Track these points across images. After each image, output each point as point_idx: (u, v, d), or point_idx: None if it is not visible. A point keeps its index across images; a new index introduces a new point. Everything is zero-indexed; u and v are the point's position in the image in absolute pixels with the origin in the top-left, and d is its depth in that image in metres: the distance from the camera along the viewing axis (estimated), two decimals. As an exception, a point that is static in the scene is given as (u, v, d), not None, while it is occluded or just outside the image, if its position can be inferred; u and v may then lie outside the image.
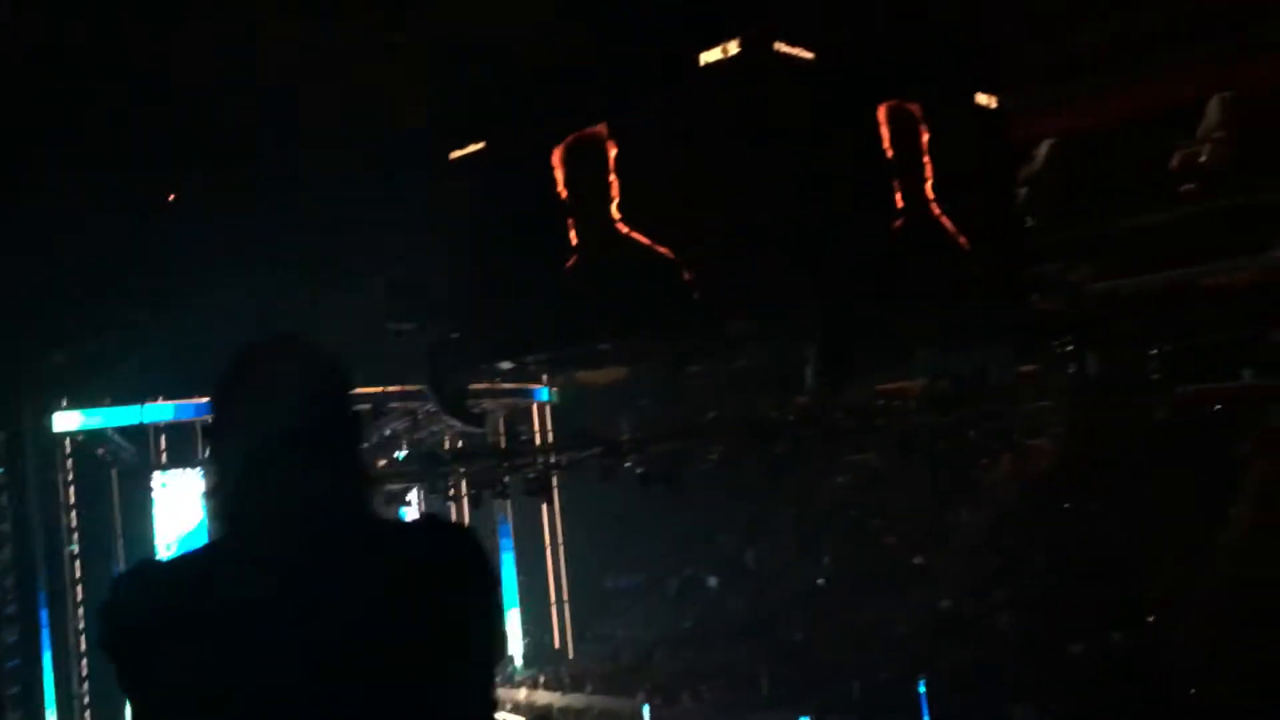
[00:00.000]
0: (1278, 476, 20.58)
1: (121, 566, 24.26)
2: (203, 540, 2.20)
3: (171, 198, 18.77)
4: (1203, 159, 24.47)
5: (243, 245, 19.94)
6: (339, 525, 2.03)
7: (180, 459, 25.96)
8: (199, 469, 25.75)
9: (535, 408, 29.31)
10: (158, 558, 1.91)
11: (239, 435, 2.06)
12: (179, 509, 25.33)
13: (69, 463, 24.26)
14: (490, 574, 2.19)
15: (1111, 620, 19.24)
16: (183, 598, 2.00)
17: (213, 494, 2.17)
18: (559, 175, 10.64)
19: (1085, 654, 18.44)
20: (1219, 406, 22.17)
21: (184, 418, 25.36)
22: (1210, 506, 20.93)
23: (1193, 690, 16.46)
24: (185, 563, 2.17)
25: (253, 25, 13.00)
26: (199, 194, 18.48)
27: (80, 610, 23.98)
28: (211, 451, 2.13)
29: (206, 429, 1.98)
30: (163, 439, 25.85)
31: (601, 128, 10.26)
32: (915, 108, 10.67)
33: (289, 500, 2.00)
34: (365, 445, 2.18)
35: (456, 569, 2.10)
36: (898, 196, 10.52)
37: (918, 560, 24.71)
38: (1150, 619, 19.19)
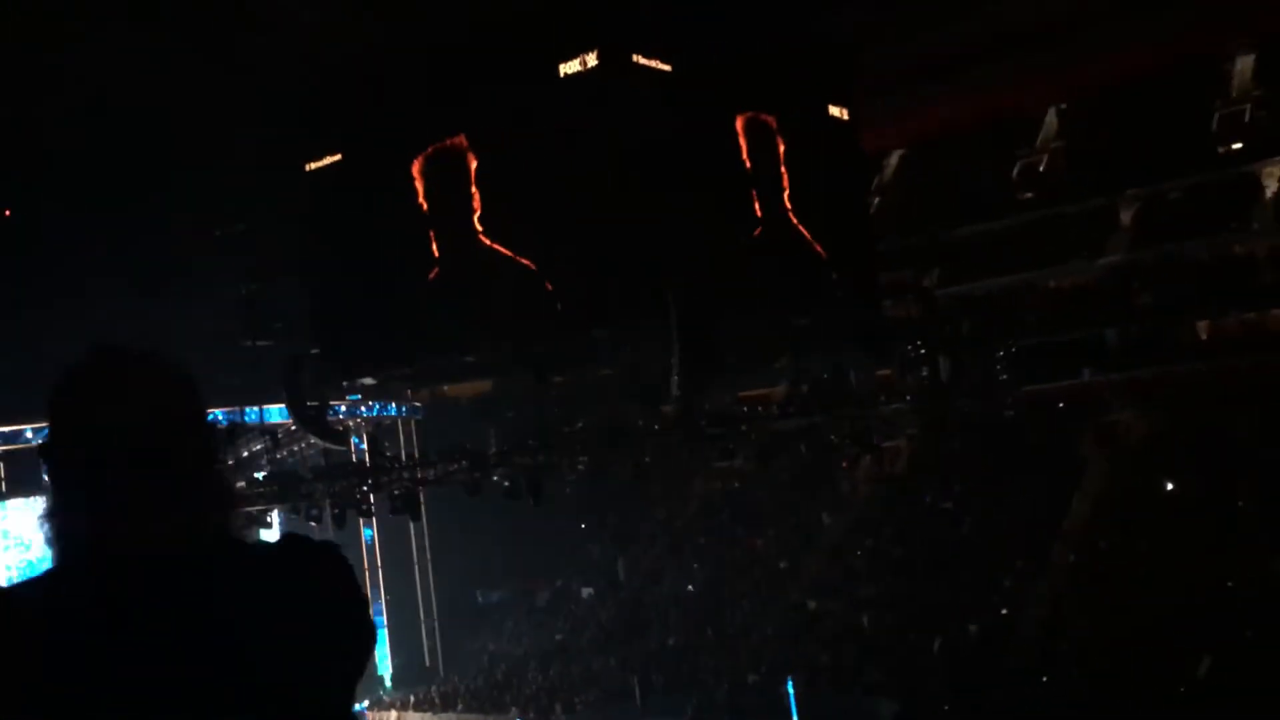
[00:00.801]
0: (1112, 469, 21.68)
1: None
2: (42, 568, 2.07)
3: (6, 213, 17.89)
4: (1041, 168, 25.68)
5: (88, 261, 19.14)
6: (192, 548, 1.94)
7: (21, 486, 24.74)
8: (41, 496, 24.55)
9: (400, 423, 28.88)
10: None
11: (79, 454, 1.94)
12: (19, 538, 24.12)
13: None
14: (356, 593, 2.11)
15: (966, 613, 19.92)
16: (20, 630, 1.89)
17: (50, 518, 2.02)
18: (419, 187, 10.52)
19: (943, 647, 19.05)
20: (1061, 404, 23.25)
21: (22, 443, 24.18)
22: (1055, 499, 21.90)
23: (1044, 678, 17.18)
24: (24, 591, 2.01)
25: (97, 35, 12.51)
26: (38, 206, 17.66)
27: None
28: (49, 473, 1.98)
29: (43, 448, 1.83)
30: (1, 466, 24.61)
31: (461, 139, 10.19)
32: (771, 119, 10.91)
33: (137, 524, 1.90)
34: (221, 463, 2.07)
35: (319, 589, 2.03)
36: (756, 206, 10.74)
37: (783, 563, 25.16)
38: (1004, 611, 19.94)
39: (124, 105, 14.07)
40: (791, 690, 17.61)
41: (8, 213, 18.20)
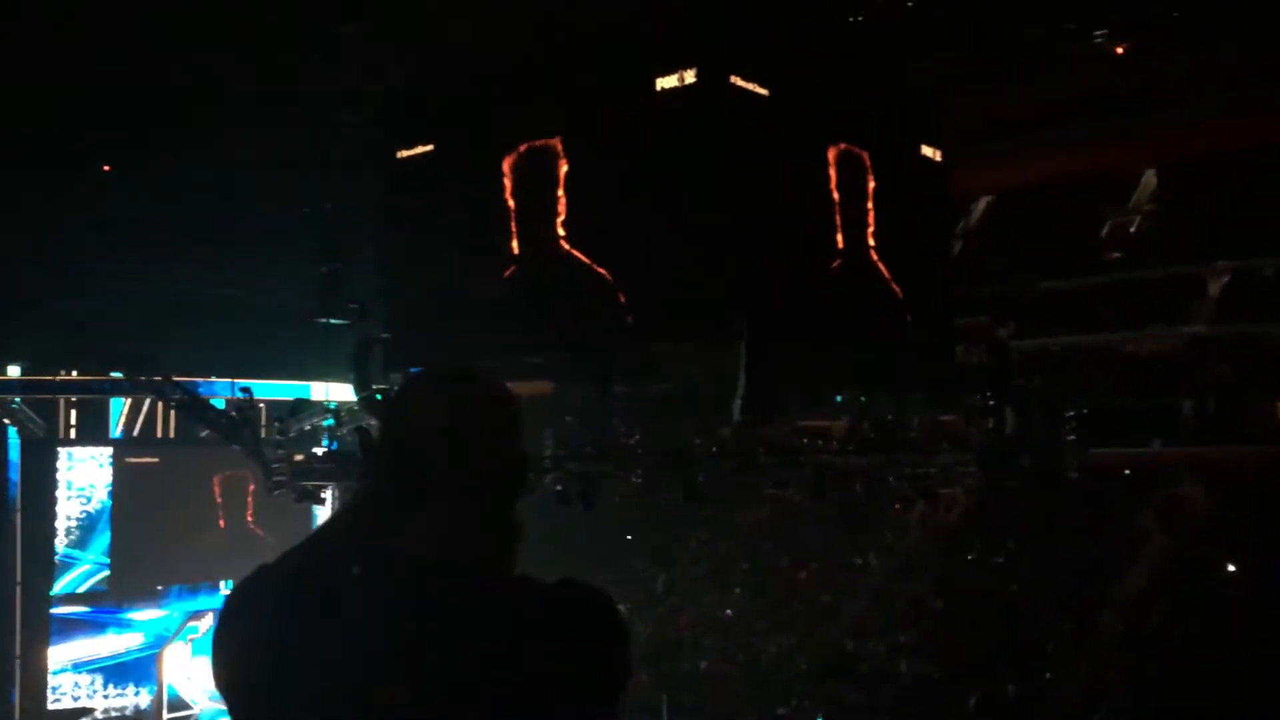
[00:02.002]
0: (1171, 543, 21.19)
1: (18, 538, 23.56)
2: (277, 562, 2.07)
3: (106, 169, 18.37)
4: (1132, 230, 25.23)
5: (176, 228, 19.59)
6: (464, 570, 1.96)
7: (90, 435, 25.34)
8: (107, 447, 25.12)
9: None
10: (274, 562, 1.83)
11: (395, 458, 2.00)
12: (82, 489, 24.69)
13: (-29, 430, 23.55)
14: (617, 650, 2.12)
15: (1008, 672, 19.58)
16: (276, 608, 1.96)
17: (350, 510, 2.04)
18: (508, 183, 10.61)
19: (979, 703, 18.74)
20: (1127, 471, 22.77)
21: (94, 393, 24.78)
22: (1109, 567, 21.46)
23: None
24: (295, 570, 2.05)
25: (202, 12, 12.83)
26: (130, 167, 18.11)
27: (-31, 581, 23.28)
28: (367, 465, 2.09)
29: (365, 441, 1.98)
30: (72, 414, 25.22)
31: (555, 141, 10.26)
32: (864, 154, 10.85)
33: (424, 535, 1.95)
34: (517, 495, 2.11)
35: (583, 635, 2.04)
36: (839, 238, 10.67)
37: (825, 599, 24.93)
38: (1046, 675, 19.57)
39: (219, 78, 14.40)
40: (820, 728, 17.43)
41: (107, 168, 18.69)
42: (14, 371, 23.50)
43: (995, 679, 19.33)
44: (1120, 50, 16.16)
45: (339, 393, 21.90)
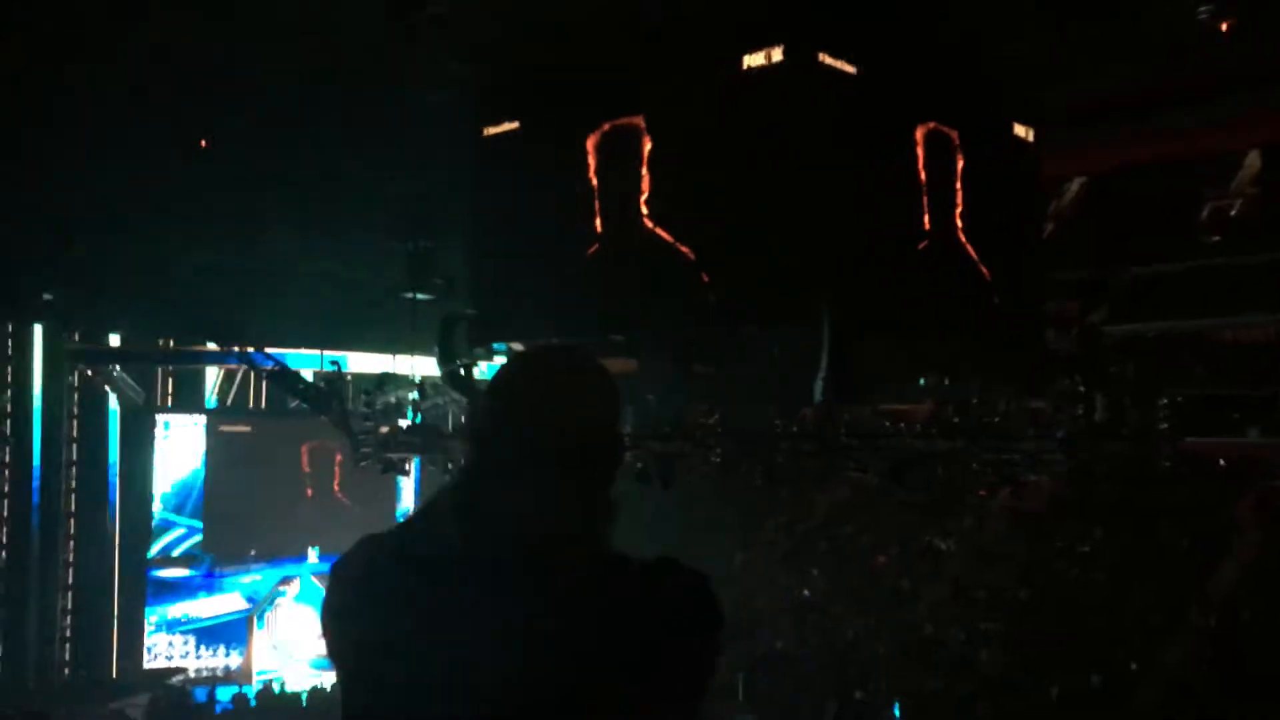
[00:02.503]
0: (1267, 538, 20.56)
1: (117, 503, 24.39)
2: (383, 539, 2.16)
3: (203, 144, 18.79)
4: (1233, 213, 24.40)
5: (267, 201, 20.00)
6: (566, 546, 2.03)
7: (185, 403, 26.10)
8: (201, 415, 25.86)
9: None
10: (382, 534, 1.96)
11: (498, 434, 2.06)
12: (178, 453, 25.45)
13: (74, 397, 24.40)
14: (716, 640, 2.19)
15: (1091, 663, 19.23)
16: (382, 578, 2.03)
17: (455, 485, 2.12)
18: (591, 162, 10.63)
19: (1063, 695, 18.43)
20: (1222, 462, 22.14)
21: (191, 362, 25.48)
22: (1201, 560, 20.92)
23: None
24: (401, 542, 2.12)
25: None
26: (230, 145, 18.50)
27: (72, 544, 24.15)
28: (472, 440, 2.10)
29: (472, 420, 2.04)
30: (169, 381, 25.99)
31: (639, 119, 10.24)
32: (953, 133, 10.64)
33: (527, 512, 2.00)
34: (610, 473, 2.16)
35: (676, 618, 2.11)
36: (926, 219, 10.50)
37: (905, 584, 24.70)
38: (1132, 667, 19.17)
39: (308, 56, 14.62)
40: (898, 714, 17.30)
41: (204, 143, 19.12)
42: (114, 341, 24.28)
43: (1079, 670, 19.00)
44: (1225, 27, 15.58)
45: (424, 367, 22.21)
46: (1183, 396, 18.19)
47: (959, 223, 10.80)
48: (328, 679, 23.41)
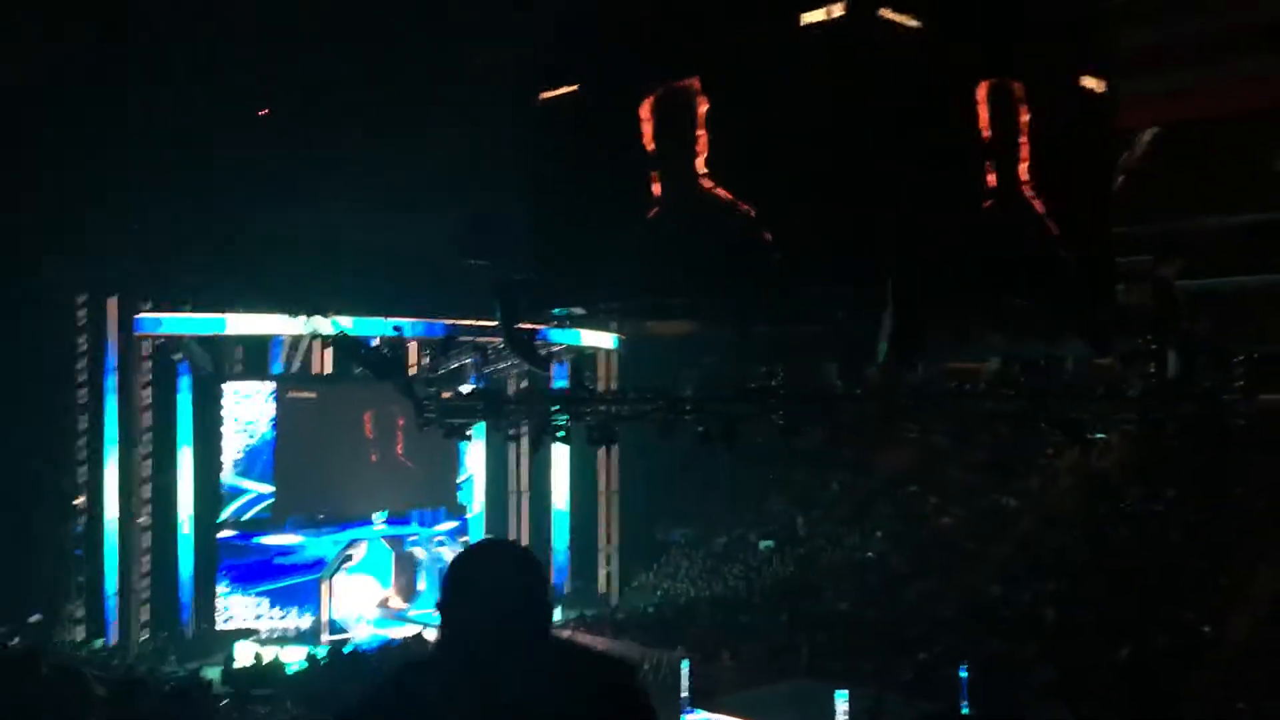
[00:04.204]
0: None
1: (190, 469, 24.92)
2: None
3: (263, 113, 18.98)
4: (1311, 163, 23.63)
5: (327, 169, 20.17)
6: (531, 671, 2.77)
7: (254, 371, 26.54)
8: (270, 381, 26.29)
9: (602, 355, 29.46)
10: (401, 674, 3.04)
11: (461, 618, 2.79)
12: (248, 421, 25.92)
13: (147, 365, 24.91)
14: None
15: (1161, 624, 18.95)
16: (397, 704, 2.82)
17: (439, 645, 2.86)
18: (647, 126, 10.54)
19: (1132, 655, 18.18)
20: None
21: (261, 331, 25.86)
22: (1274, 521, 20.47)
23: (1238, 704, 16.19)
24: (414, 680, 2.87)
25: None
26: (289, 116, 18.67)
27: (148, 508, 24.77)
28: (440, 619, 2.84)
29: (440, 604, 2.81)
30: (238, 350, 26.42)
31: (694, 81, 10.13)
32: (1017, 86, 10.38)
33: (504, 659, 2.75)
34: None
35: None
36: (990, 176, 10.28)
37: (970, 544, 24.50)
38: (1205, 629, 18.86)
39: (369, 24, 14.66)
40: (965, 675, 17.19)
41: (265, 112, 19.31)
42: (185, 311, 24.71)
43: (1148, 631, 18.73)
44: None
45: (485, 332, 22.34)
46: (1258, 353, 17.71)
47: (1025, 177, 10.56)
48: (394, 634, 23.89)
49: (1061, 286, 11.18)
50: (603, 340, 29.05)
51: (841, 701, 15.63)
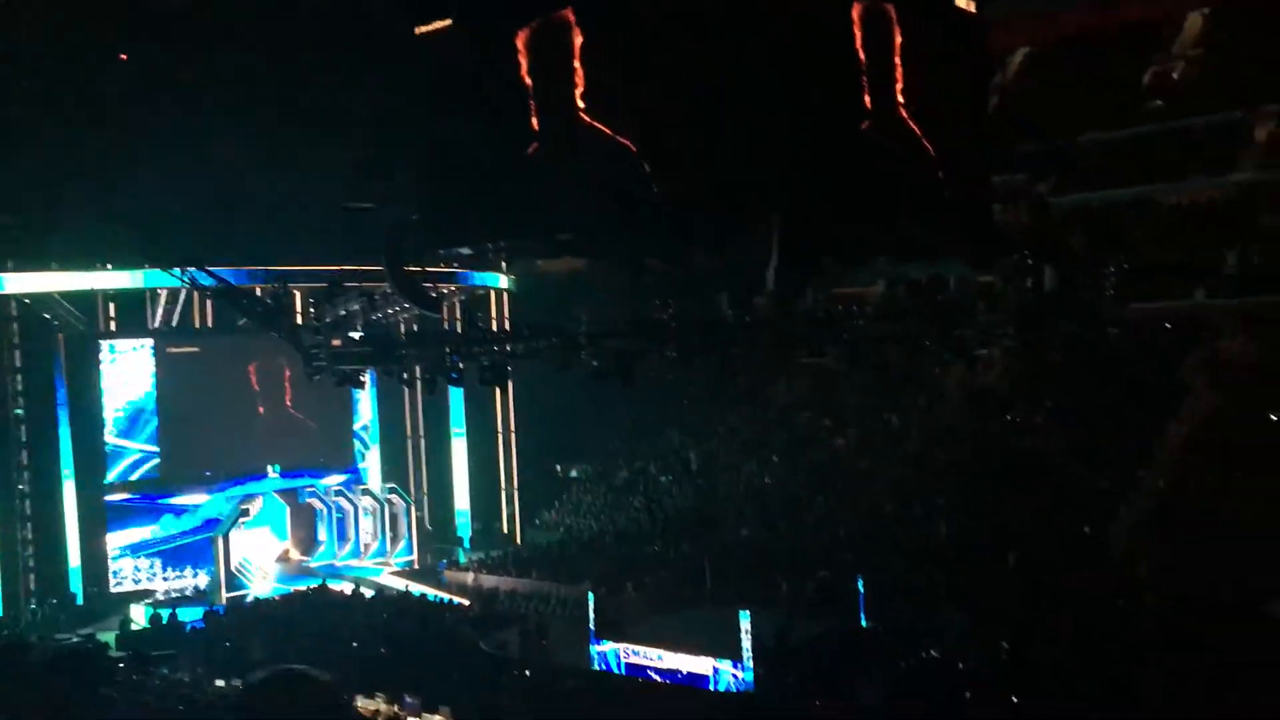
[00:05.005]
0: (1215, 397, 20.99)
1: (66, 431, 24.08)
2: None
3: (122, 57, 18.13)
4: (1175, 76, 24.36)
5: (198, 116, 19.41)
6: None
7: (131, 328, 25.63)
8: (149, 339, 25.43)
9: (493, 296, 29.17)
10: None
11: None
12: (127, 379, 25.08)
13: (15, 326, 23.92)
14: None
15: (1048, 530, 19.70)
16: None
17: None
18: (523, 60, 10.31)
19: (1020, 561, 18.91)
20: (1169, 325, 22.48)
21: (134, 286, 24.96)
22: (1152, 424, 21.36)
23: (1119, 601, 16.98)
24: None
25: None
26: (153, 62, 17.88)
27: (26, 475, 23.92)
28: None
29: None
30: (111, 307, 25.48)
31: (568, 13, 9.91)
32: (889, 6, 10.40)
33: None
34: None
35: None
36: (866, 99, 10.32)
37: (864, 464, 25.08)
38: (1086, 530, 19.68)
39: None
40: (862, 590, 17.69)
41: (124, 57, 18.46)
42: (53, 269, 23.67)
43: (1035, 538, 19.48)
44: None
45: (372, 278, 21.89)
46: (1130, 264, 18.33)
47: (900, 99, 10.62)
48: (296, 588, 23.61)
49: (940, 206, 11.33)
50: (495, 281, 28.77)
51: (745, 623, 15.94)
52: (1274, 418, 20.06)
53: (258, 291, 22.58)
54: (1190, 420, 20.96)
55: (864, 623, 17.59)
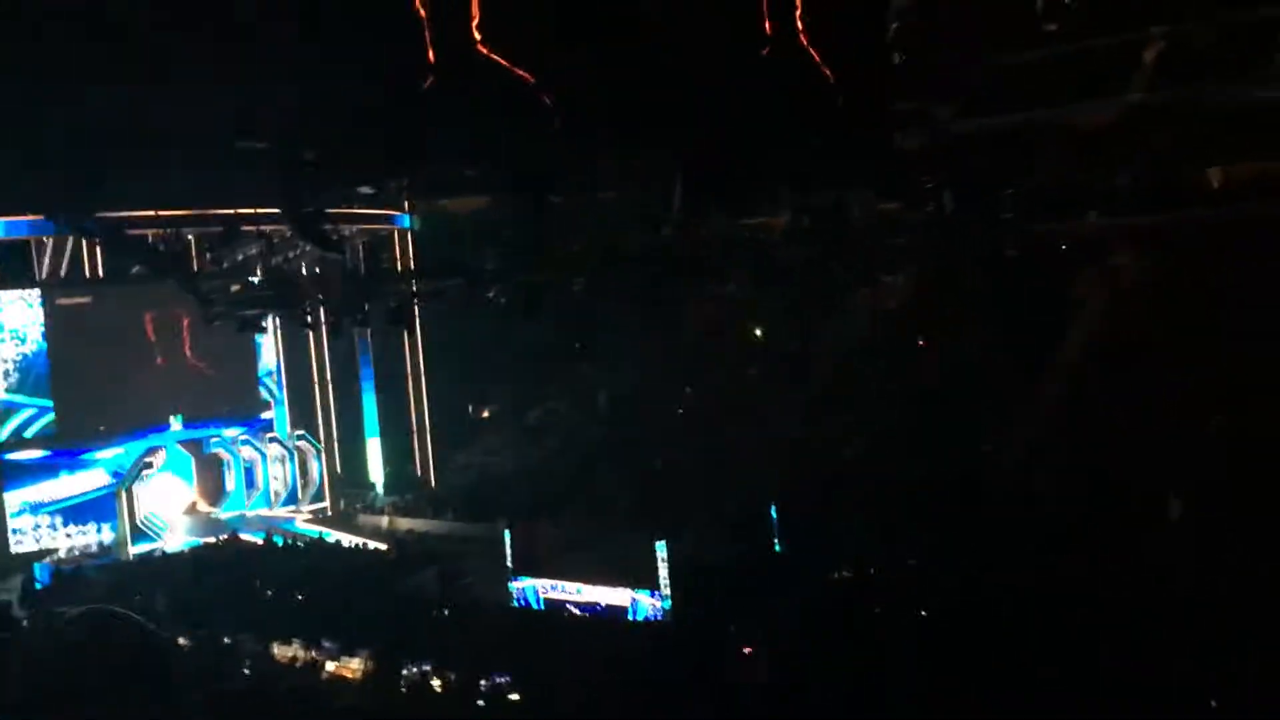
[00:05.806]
0: (1107, 312, 21.64)
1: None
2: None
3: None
4: (1068, 0, 24.65)
5: (84, 52, 18.56)
6: None
7: (16, 278, 24.66)
8: (36, 289, 24.53)
9: (396, 235, 28.64)
10: None
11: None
12: (15, 331, 24.20)
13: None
14: None
15: (952, 445, 20.21)
16: None
17: None
18: (416, -11, 10.06)
19: (925, 478, 19.38)
20: (1064, 246, 23.02)
21: (16, 235, 23.99)
22: (1051, 341, 21.96)
23: (1026, 509, 17.53)
24: None
25: None
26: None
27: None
28: None
29: None
30: (-5, 257, 24.48)
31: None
32: (788, -69, 10.35)
33: None
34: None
35: None
36: (766, 25, 10.29)
37: (773, 390, 25.39)
38: (987, 447, 20.23)
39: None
40: (775, 514, 17.99)
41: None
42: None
43: (940, 453, 19.96)
44: None
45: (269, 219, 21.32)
46: (1027, 187, 18.72)
47: (800, 25, 10.61)
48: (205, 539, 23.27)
49: (841, 132, 11.41)
50: (400, 221, 28.27)
51: (662, 553, 16.10)
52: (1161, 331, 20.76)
53: (149, 238, 21.88)
54: (1081, 334, 21.62)
55: (778, 548, 17.91)
